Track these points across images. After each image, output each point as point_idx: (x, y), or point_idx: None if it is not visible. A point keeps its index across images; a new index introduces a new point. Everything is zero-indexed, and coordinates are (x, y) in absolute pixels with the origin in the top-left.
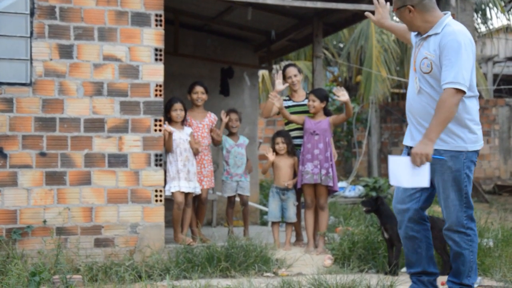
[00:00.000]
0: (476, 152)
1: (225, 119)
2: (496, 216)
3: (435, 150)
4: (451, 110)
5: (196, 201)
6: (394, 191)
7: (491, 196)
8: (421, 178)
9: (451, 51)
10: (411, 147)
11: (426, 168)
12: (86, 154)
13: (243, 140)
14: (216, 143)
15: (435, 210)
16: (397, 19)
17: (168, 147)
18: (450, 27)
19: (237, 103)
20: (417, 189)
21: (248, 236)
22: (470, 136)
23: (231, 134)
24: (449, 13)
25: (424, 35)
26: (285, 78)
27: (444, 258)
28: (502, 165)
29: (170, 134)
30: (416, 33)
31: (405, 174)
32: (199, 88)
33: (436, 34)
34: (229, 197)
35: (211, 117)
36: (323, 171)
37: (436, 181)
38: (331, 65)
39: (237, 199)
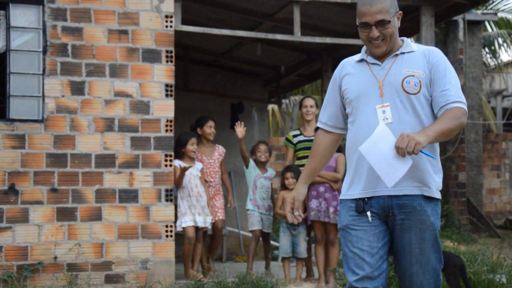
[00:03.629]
0: None
1: (240, 132)
2: (509, 251)
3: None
4: (457, 127)
5: (207, 237)
6: (351, 253)
7: (502, 230)
8: (396, 170)
9: (447, 71)
10: (364, 200)
11: (407, 163)
12: (97, 189)
13: (270, 173)
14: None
15: (447, 245)
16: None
17: (178, 183)
18: (426, 46)
19: (246, 138)
20: (383, 250)
21: (270, 271)
22: (440, 183)
23: (258, 164)
24: None
25: (398, 52)
26: (301, 107)
27: None
28: None
29: (183, 170)
30: (359, 59)
31: (383, 153)
32: (212, 122)
33: (411, 51)
34: (253, 231)
35: (219, 150)
36: (331, 209)
37: (406, 240)
38: None
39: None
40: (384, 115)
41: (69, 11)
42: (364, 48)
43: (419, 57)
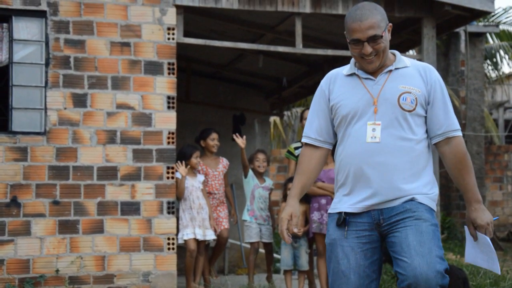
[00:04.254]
0: None
1: (242, 143)
2: None
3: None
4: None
5: (209, 250)
6: (336, 269)
7: (505, 243)
8: (493, 255)
9: (444, 92)
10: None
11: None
12: (99, 202)
13: (268, 183)
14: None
15: (449, 258)
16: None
17: (180, 192)
18: (419, 62)
19: (248, 150)
20: (371, 269)
21: (273, 284)
22: (434, 195)
23: (256, 174)
24: None
25: (391, 67)
26: (302, 120)
27: None
28: None
29: (183, 177)
30: (349, 72)
31: (480, 251)
32: (215, 135)
33: (405, 67)
34: (252, 243)
35: (223, 163)
36: None
37: (403, 236)
38: None
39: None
40: (373, 133)
41: (72, 24)
42: (352, 61)
43: (415, 73)
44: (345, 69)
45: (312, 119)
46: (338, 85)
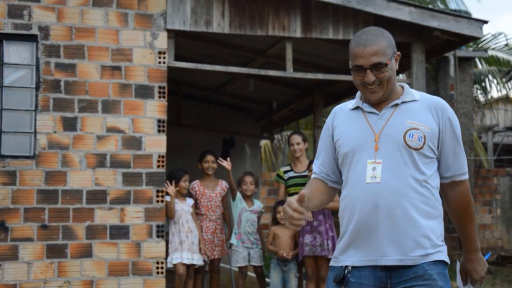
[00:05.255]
0: None
1: (228, 165)
2: (501, 287)
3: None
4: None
5: (202, 274)
6: None
7: (494, 267)
8: None
9: (457, 132)
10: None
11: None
12: (88, 226)
13: (257, 206)
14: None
15: None
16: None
17: (170, 213)
18: (429, 96)
19: (238, 173)
20: None
21: None
22: (445, 246)
23: (245, 197)
24: None
25: (398, 101)
26: (289, 145)
27: None
28: (505, 235)
29: (172, 198)
30: (353, 106)
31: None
32: (210, 157)
33: (413, 100)
34: (240, 268)
35: (222, 185)
36: (330, 243)
37: None
38: None
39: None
40: (373, 173)
41: (63, 48)
42: (358, 94)
43: (424, 109)
44: (351, 103)
45: (318, 155)
46: (341, 120)
